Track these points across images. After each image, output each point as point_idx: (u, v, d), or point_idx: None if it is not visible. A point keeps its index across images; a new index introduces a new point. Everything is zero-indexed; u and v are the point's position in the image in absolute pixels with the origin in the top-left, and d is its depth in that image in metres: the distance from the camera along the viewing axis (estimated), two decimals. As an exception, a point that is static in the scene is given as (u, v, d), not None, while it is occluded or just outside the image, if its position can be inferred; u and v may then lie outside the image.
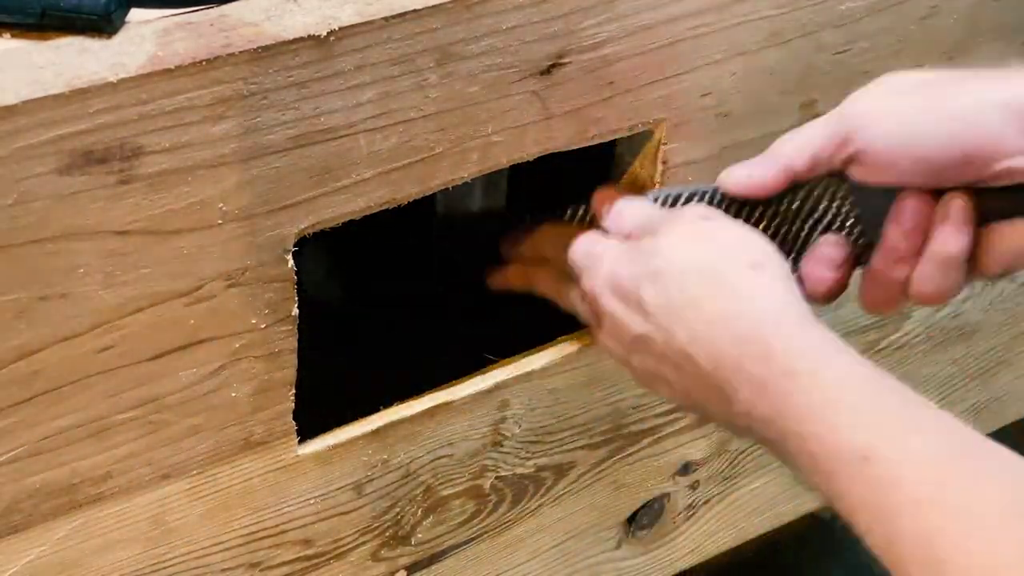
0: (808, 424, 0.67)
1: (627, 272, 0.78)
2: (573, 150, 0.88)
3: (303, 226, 0.78)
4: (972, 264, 0.77)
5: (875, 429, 0.65)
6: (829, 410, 0.67)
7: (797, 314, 0.73)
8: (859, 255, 0.81)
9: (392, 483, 0.92)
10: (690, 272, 0.75)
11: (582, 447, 1.01)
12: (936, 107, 0.75)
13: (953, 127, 0.74)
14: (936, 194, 0.77)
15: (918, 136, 0.75)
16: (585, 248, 0.83)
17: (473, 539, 1.00)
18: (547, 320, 0.97)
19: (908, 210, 0.77)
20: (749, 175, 0.80)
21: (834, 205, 0.80)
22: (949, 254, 0.76)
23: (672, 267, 0.75)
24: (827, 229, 0.81)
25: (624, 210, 0.83)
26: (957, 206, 0.75)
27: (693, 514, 1.13)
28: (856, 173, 0.78)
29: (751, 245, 0.76)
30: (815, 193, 0.80)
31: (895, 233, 0.77)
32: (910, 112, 0.76)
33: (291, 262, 0.78)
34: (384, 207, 0.81)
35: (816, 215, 0.81)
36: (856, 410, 0.67)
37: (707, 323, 0.73)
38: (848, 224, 0.81)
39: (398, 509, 0.93)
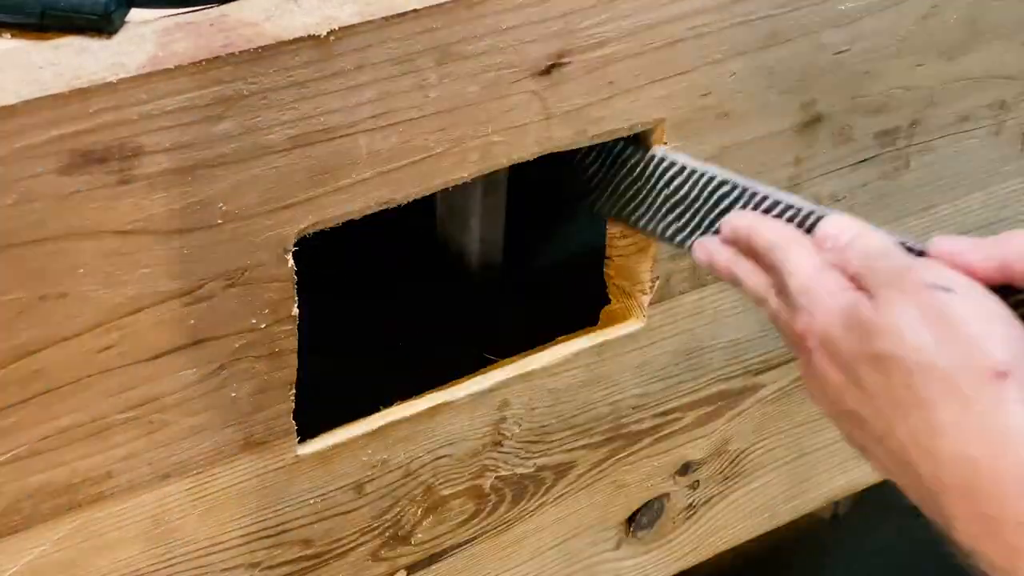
0: None
1: (845, 344, 0.67)
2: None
3: (303, 226, 0.78)
4: None
5: None
6: None
7: None
8: None
9: (392, 483, 0.92)
10: (918, 369, 0.63)
11: (582, 447, 1.01)
12: None
13: None
14: None
15: None
16: (803, 282, 0.71)
17: (473, 539, 1.00)
18: (547, 320, 0.97)
19: None
20: (956, 253, 0.68)
21: None
22: None
23: (897, 356, 0.64)
24: None
25: (854, 242, 0.71)
26: None
27: (693, 514, 1.13)
28: None
29: (995, 341, 0.63)
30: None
31: None
32: None
33: (291, 262, 0.78)
34: (384, 207, 0.81)
35: None
36: None
37: (932, 433, 0.63)
38: None
39: (398, 509, 0.93)
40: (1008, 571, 0.60)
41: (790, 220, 0.76)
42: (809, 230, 0.75)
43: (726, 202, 0.83)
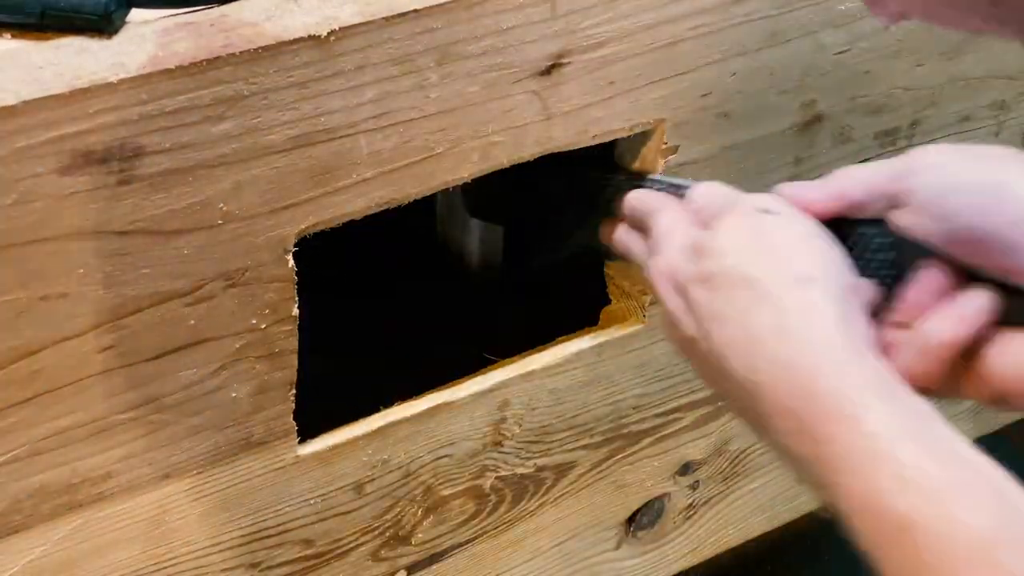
0: (845, 476, 0.62)
1: (683, 271, 0.73)
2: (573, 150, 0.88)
3: (303, 226, 0.78)
4: (971, 372, 0.69)
5: (917, 497, 0.60)
6: (868, 467, 0.61)
7: (845, 343, 0.65)
8: (878, 309, 0.73)
9: (392, 483, 0.92)
10: (737, 281, 0.69)
11: (582, 447, 1.01)
12: (999, 178, 0.69)
13: (997, 199, 0.68)
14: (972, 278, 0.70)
15: (963, 191, 0.69)
16: (660, 232, 0.77)
17: (473, 539, 1.00)
18: (547, 320, 0.96)
19: (926, 274, 0.70)
20: (797, 193, 0.74)
21: (873, 248, 0.74)
22: (932, 339, 0.68)
23: (722, 271, 0.70)
24: (862, 273, 0.74)
25: (709, 196, 0.77)
26: (972, 293, 0.69)
27: (693, 514, 1.13)
28: (901, 218, 0.71)
29: (805, 252, 0.70)
30: (859, 232, 0.74)
31: (905, 292, 0.71)
32: (971, 171, 0.70)
33: (291, 262, 0.78)
34: (384, 207, 0.81)
35: (854, 255, 0.74)
36: (898, 473, 0.60)
37: (749, 340, 0.68)
38: (881, 273, 0.74)
39: (398, 509, 0.93)
40: (813, 460, 0.64)
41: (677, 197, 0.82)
42: None
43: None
